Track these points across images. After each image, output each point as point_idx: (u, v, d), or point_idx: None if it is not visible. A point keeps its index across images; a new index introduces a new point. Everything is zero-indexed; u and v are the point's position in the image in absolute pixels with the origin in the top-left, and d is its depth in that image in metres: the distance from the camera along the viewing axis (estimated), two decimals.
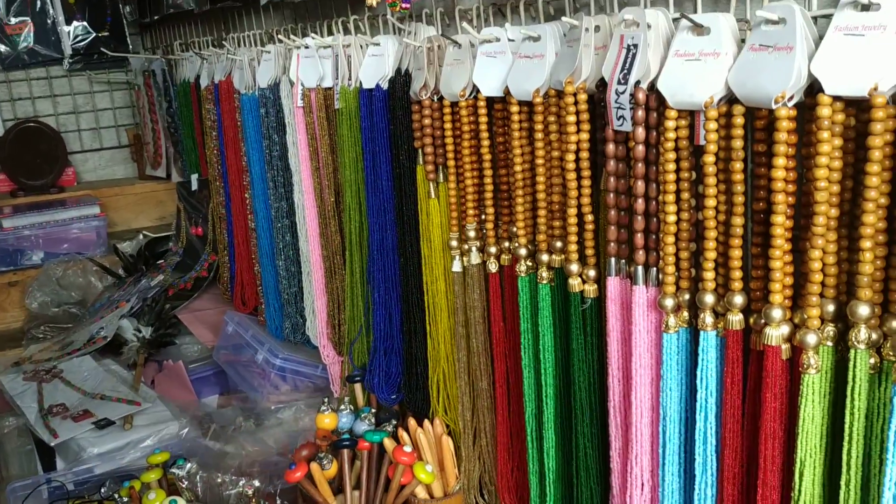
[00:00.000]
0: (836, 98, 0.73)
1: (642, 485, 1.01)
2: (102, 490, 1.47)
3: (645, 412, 0.98)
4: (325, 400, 1.47)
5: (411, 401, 1.49)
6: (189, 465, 1.39)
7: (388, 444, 1.34)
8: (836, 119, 0.74)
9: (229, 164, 2.09)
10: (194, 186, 2.47)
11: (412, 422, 1.39)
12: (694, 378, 0.91)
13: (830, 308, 0.80)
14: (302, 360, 1.88)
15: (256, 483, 1.35)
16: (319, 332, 1.75)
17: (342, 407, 1.49)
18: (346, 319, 1.63)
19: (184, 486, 1.37)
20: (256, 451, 1.64)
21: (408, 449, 1.30)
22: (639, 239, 0.94)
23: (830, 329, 0.80)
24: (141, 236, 2.73)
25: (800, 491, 0.82)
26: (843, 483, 0.78)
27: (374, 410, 1.48)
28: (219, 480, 1.38)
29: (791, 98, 0.76)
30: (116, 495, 1.32)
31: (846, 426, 0.77)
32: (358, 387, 1.59)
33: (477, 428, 1.34)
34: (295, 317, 1.89)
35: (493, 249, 1.22)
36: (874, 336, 0.76)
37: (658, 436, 0.97)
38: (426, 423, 1.40)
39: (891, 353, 0.75)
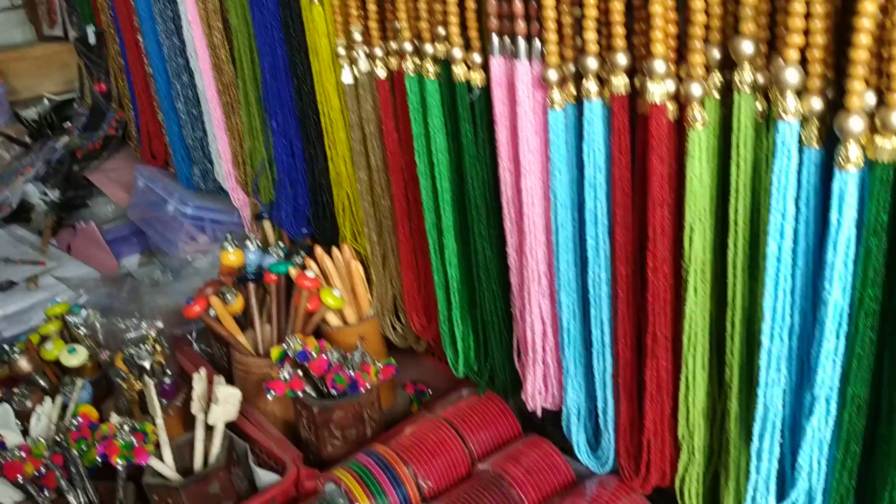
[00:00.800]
0: None
1: (539, 278, 0.96)
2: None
3: (536, 201, 0.92)
4: (229, 236, 1.39)
5: (320, 231, 1.43)
6: (86, 312, 1.32)
7: (294, 273, 1.28)
8: None
9: (118, 6, 1.92)
10: (92, 40, 2.29)
11: (318, 249, 1.33)
12: (582, 155, 0.84)
13: (716, 54, 0.72)
14: (216, 208, 1.80)
15: (159, 324, 1.29)
16: (226, 174, 1.66)
17: (249, 244, 1.42)
18: (248, 155, 1.53)
19: (82, 333, 1.31)
20: (168, 299, 1.59)
21: (310, 274, 1.25)
22: (518, 6, 0.84)
23: (717, 78, 0.73)
24: (45, 101, 2.56)
25: (690, 258, 0.77)
26: (730, 243, 0.74)
27: (282, 245, 1.41)
28: (121, 326, 1.32)
29: None
30: (10, 347, 1.25)
31: (732, 179, 0.71)
32: (268, 224, 1.52)
33: (384, 249, 1.28)
34: (203, 162, 1.78)
35: (378, 52, 1.12)
36: (760, 79, 0.69)
37: (551, 224, 0.91)
38: (334, 250, 1.34)
39: (778, 99, 0.69)
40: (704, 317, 0.81)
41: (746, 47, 0.67)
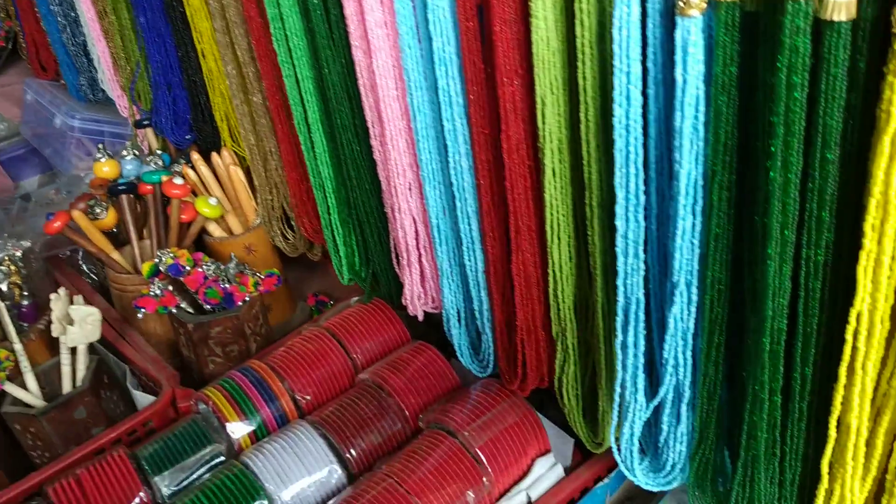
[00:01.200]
0: None
1: (404, 171, 0.87)
2: None
3: (391, 83, 0.82)
4: (101, 146, 1.28)
5: (203, 137, 1.32)
6: None
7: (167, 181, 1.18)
8: None
9: None
10: None
11: (194, 154, 1.23)
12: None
13: None
14: (105, 119, 1.67)
15: (26, 244, 1.19)
16: (109, 81, 1.53)
17: (124, 153, 1.31)
18: (122, 57, 1.41)
19: None
20: None
21: (178, 181, 1.15)
22: None
23: None
24: None
25: (544, 136, 0.69)
26: (581, 115, 0.65)
27: (160, 152, 1.31)
28: None
29: None
30: None
31: (577, 40, 0.62)
32: (150, 132, 1.41)
33: (264, 151, 1.18)
34: (87, 70, 1.65)
35: None
36: None
37: (409, 110, 0.82)
38: (213, 155, 1.24)
39: None
40: (566, 203, 0.73)
41: None
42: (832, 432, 0.60)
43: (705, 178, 0.58)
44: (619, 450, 0.75)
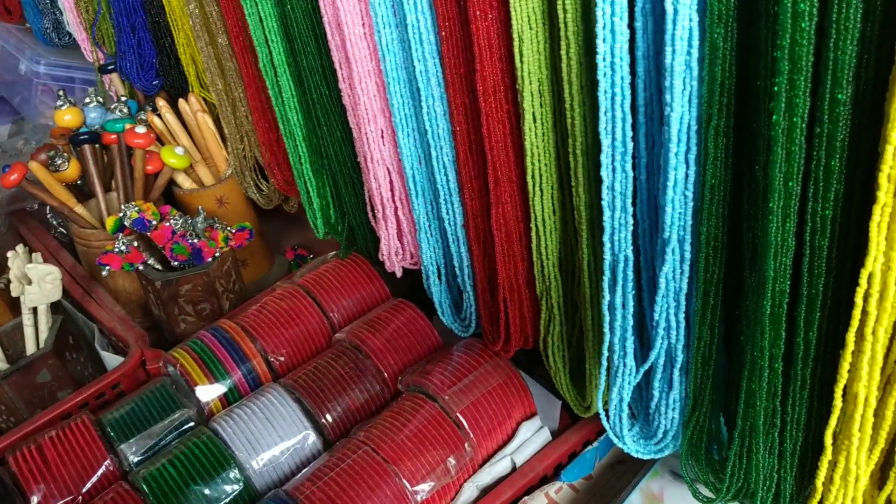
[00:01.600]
0: None
1: (375, 116, 0.81)
2: None
3: (356, 19, 0.75)
4: (61, 93, 1.21)
5: (170, 82, 1.25)
6: None
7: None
8: None
9: None
10: None
11: (159, 101, 1.15)
12: None
13: None
14: (75, 66, 1.59)
15: None
16: (73, 23, 1.45)
17: (88, 100, 1.23)
18: None
19: None
20: None
21: (140, 129, 1.08)
22: None
23: None
24: None
25: (522, 78, 0.62)
26: (562, 52, 0.58)
27: (125, 99, 1.23)
28: None
29: None
30: None
31: None
32: (116, 78, 1.33)
33: (232, 97, 1.11)
34: (52, 12, 1.56)
35: None
36: None
37: (376, 49, 0.75)
38: (180, 102, 1.17)
39: None
40: (549, 151, 0.66)
41: None
42: (837, 402, 0.54)
43: (700, 123, 0.52)
44: (607, 416, 0.70)
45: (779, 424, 0.59)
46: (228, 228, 1.05)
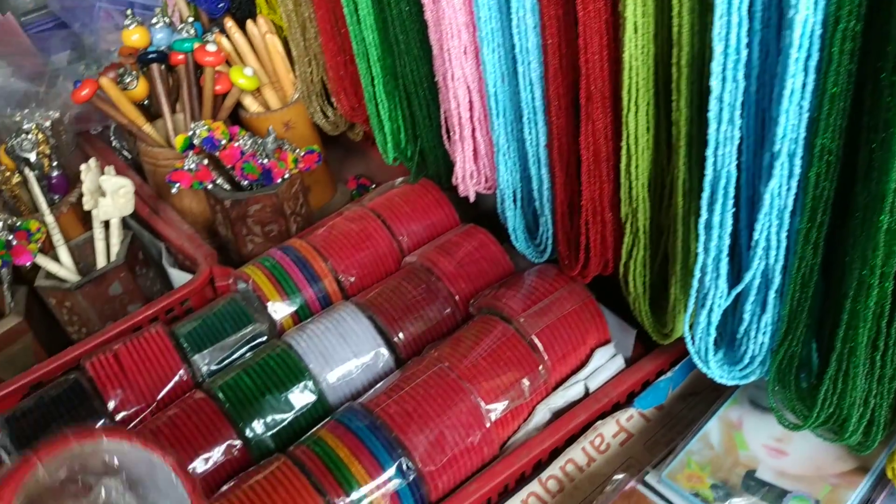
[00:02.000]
0: None
1: (459, 31, 0.79)
2: None
3: None
4: (129, 13, 1.20)
5: (236, 4, 1.23)
6: None
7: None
8: None
9: None
10: None
11: (228, 22, 1.14)
12: None
13: None
14: None
15: (54, 114, 1.14)
16: None
17: (154, 20, 1.23)
18: None
19: None
20: None
21: (211, 48, 1.07)
22: None
23: None
24: None
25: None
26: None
27: (192, 21, 1.22)
28: (15, 119, 1.16)
29: None
30: None
31: None
32: (181, 1, 1.32)
33: (301, 19, 1.09)
34: None
35: None
36: None
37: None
38: (248, 23, 1.15)
39: None
40: (647, 64, 0.64)
41: None
42: None
43: (825, 27, 0.50)
44: (693, 340, 0.69)
45: (882, 347, 0.57)
46: (297, 150, 1.05)
